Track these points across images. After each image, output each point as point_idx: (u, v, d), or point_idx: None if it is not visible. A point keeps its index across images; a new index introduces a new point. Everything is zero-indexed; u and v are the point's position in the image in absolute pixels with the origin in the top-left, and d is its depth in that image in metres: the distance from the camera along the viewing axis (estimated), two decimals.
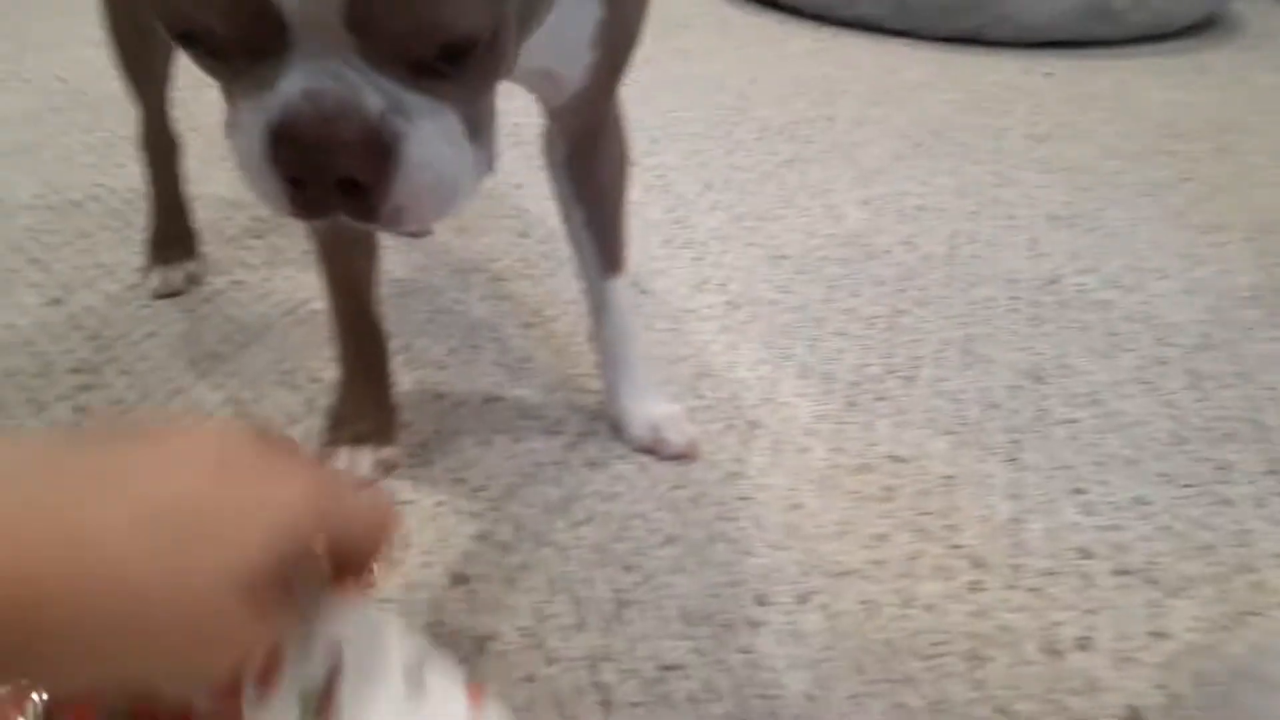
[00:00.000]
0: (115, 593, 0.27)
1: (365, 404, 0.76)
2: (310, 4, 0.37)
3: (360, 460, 0.75)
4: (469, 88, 0.42)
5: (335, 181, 0.41)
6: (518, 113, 0.77)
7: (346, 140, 0.39)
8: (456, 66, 0.40)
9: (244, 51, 0.39)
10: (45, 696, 0.32)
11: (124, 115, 1.04)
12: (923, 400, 0.86)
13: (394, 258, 1.04)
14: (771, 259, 1.08)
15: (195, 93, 0.97)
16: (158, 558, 0.27)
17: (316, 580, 0.34)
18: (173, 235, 0.99)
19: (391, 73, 0.40)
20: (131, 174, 1.20)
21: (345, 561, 0.34)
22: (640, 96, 1.53)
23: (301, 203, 0.42)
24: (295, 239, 1.05)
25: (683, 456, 0.77)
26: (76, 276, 0.99)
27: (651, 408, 0.78)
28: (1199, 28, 2.07)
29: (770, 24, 2.00)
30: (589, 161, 0.69)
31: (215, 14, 0.38)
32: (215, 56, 0.40)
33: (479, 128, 0.44)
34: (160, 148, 0.97)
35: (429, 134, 0.41)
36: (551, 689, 0.59)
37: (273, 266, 1.03)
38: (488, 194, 0.98)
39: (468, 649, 0.61)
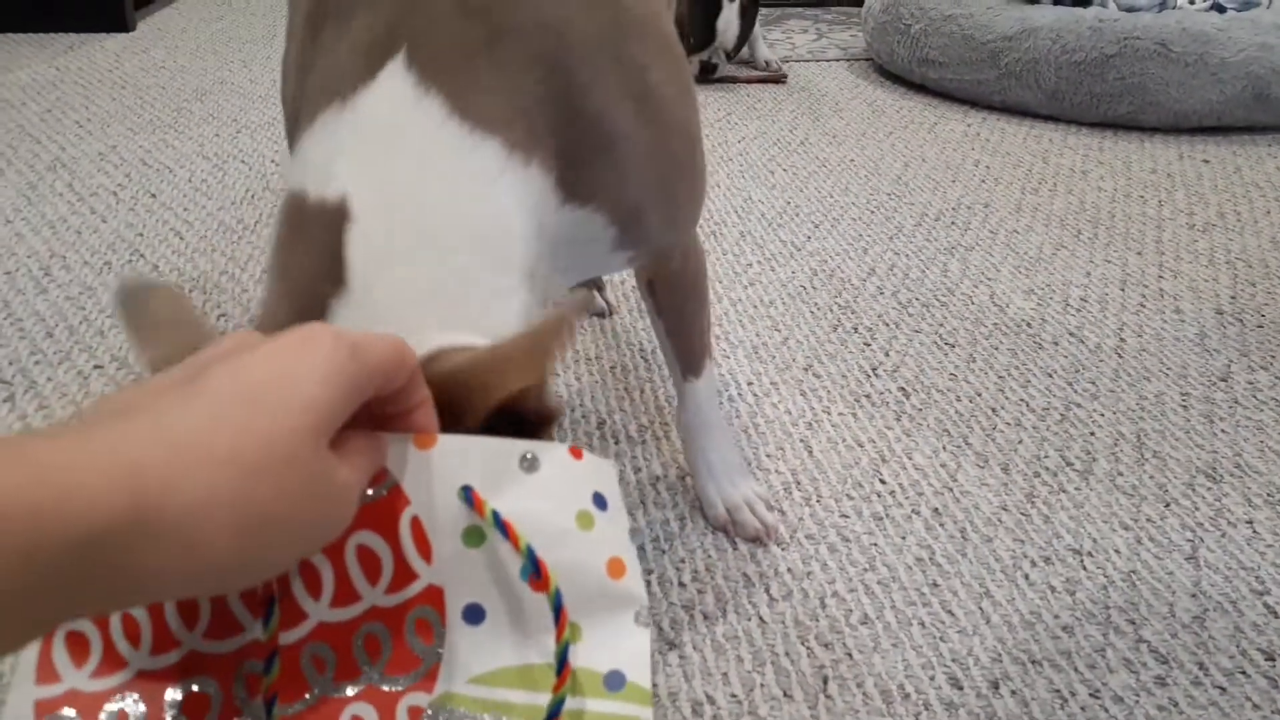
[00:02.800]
0: (208, 473, 0.29)
1: None
2: None
3: None
4: None
5: None
6: None
7: None
8: None
9: None
10: None
11: None
12: (1100, 494, 0.89)
13: (587, 340, 1.12)
14: (941, 346, 1.13)
15: None
16: (241, 433, 0.30)
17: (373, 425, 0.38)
18: None
19: None
20: None
21: (387, 406, 0.38)
22: (798, 182, 1.61)
23: None
24: None
25: (755, 540, 0.83)
26: None
27: (729, 490, 0.85)
28: None
29: (920, 107, 2.06)
30: (667, 287, 0.78)
31: None
32: None
33: None
34: None
35: None
36: None
37: None
38: None
39: (685, 712, 0.68)
